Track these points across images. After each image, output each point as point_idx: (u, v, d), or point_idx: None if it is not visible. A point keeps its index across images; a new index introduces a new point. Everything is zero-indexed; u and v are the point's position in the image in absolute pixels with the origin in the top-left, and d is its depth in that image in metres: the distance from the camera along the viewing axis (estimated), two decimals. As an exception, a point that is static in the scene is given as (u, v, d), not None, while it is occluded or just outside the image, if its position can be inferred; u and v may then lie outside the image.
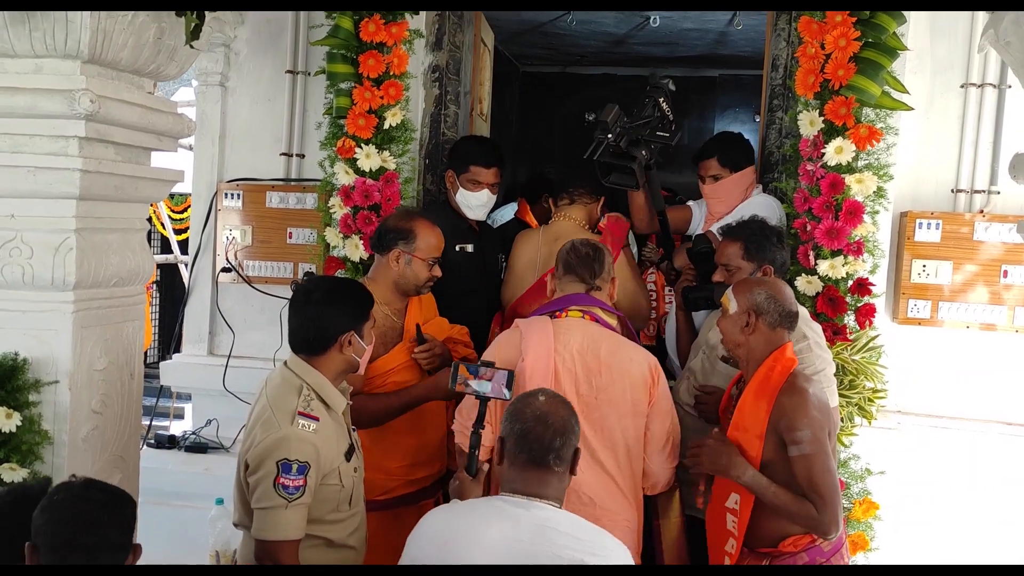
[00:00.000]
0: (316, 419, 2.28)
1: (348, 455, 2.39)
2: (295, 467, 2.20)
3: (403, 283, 2.89)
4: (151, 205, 3.83)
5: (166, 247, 8.88)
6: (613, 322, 2.70)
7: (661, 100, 3.19)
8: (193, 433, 4.02)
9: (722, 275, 2.87)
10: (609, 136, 3.05)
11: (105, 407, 2.80)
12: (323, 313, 2.38)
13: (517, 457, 2.01)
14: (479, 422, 2.33)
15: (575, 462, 2.05)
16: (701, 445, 2.43)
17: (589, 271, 2.68)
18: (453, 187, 3.40)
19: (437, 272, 2.90)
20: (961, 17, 3.39)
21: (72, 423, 2.65)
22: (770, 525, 2.36)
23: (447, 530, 2.00)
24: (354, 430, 2.52)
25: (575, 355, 2.55)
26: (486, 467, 2.36)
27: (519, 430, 2.01)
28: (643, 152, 3.13)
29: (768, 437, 2.33)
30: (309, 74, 3.89)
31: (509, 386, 2.32)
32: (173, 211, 9.06)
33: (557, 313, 2.66)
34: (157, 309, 9.31)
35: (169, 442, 4.01)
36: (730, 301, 2.49)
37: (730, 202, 3.34)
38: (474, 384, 2.34)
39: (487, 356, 2.63)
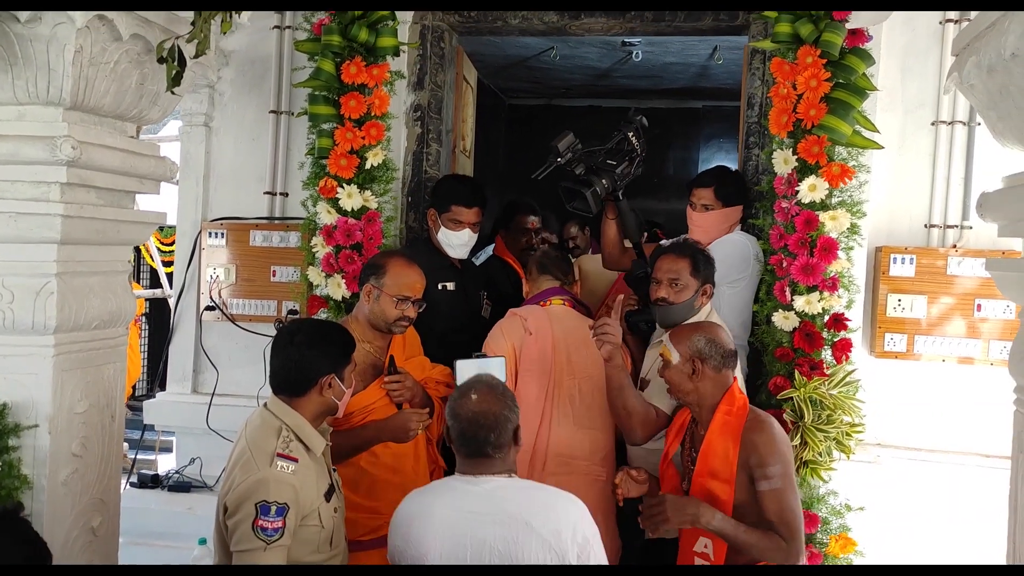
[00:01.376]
0: (295, 460, 2.29)
1: (328, 495, 2.40)
2: (274, 509, 2.22)
3: (374, 319, 2.89)
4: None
5: (155, 279, 8.88)
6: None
7: (630, 134, 3.29)
8: (176, 472, 4.02)
9: (667, 291, 2.88)
10: (559, 160, 3.28)
11: (85, 450, 2.80)
12: (304, 355, 2.41)
13: (459, 450, 2.23)
14: None
15: (516, 436, 2.24)
16: (660, 503, 2.39)
17: (562, 269, 3.23)
18: (435, 225, 3.43)
19: (409, 312, 2.88)
20: (930, 57, 3.47)
21: (52, 467, 2.65)
22: (737, 559, 2.39)
23: (406, 514, 2.22)
24: (334, 470, 2.54)
25: (566, 332, 3.05)
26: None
27: (457, 430, 2.21)
28: (603, 181, 3.20)
29: (738, 477, 2.36)
30: (292, 114, 3.94)
31: (502, 373, 2.67)
32: (162, 243, 9.06)
33: (542, 303, 3.15)
34: (146, 342, 9.29)
35: (152, 481, 4.00)
36: (671, 352, 2.52)
37: (712, 234, 3.37)
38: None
39: (489, 343, 3.04)
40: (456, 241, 3.40)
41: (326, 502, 2.38)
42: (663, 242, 3.47)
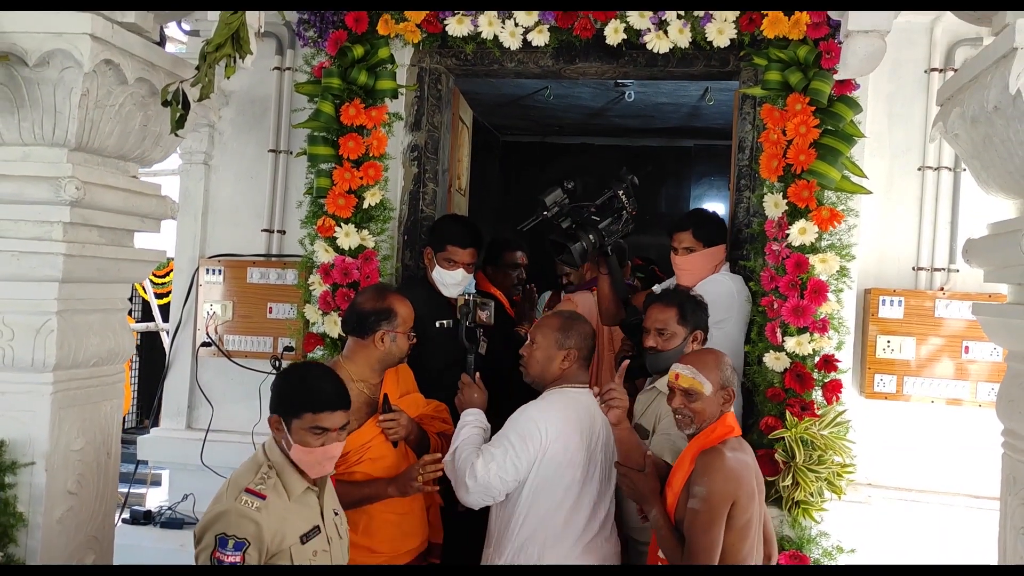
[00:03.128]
0: (262, 497, 2.26)
1: (307, 538, 2.35)
2: (231, 543, 2.19)
3: (389, 359, 2.93)
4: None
5: (147, 312, 8.87)
6: None
7: (620, 192, 3.34)
8: (169, 508, 4.01)
9: (655, 340, 2.91)
10: (546, 213, 3.36)
11: (81, 487, 2.82)
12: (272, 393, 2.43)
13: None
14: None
15: None
16: (633, 474, 2.59)
17: None
18: (431, 264, 3.47)
19: (413, 339, 2.98)
20: (916, 104, 3.56)
21: (47, 504, 2.67)
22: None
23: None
24: (337, 513, 2.51)
25: None
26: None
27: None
28: (590, 236, 3.27)
29: (683, 493, 2.43)
30: (291, 153, 4.00)
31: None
32: (155, 275, 9.07)
33: None
34: (136, 376, 9.26)
35: (145, 518, 3.99)
36: (702, 383, 2.49)
37: (698, 276, 3.40)
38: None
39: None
40: (450, 280, 3.43)
41: (301, 544, 2.33)
42: (656, 287, 3.52)
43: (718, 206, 7.73)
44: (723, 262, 3.45)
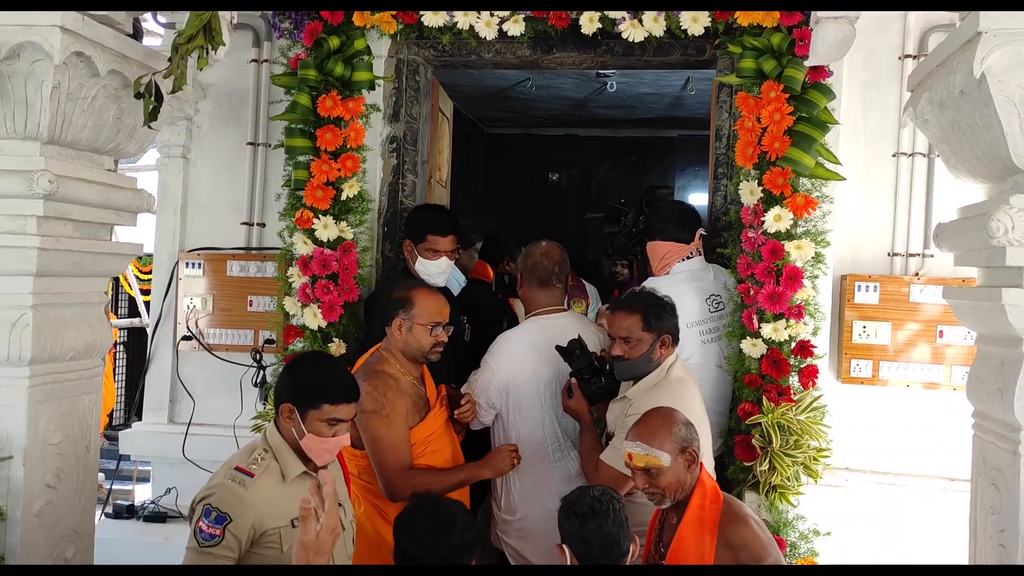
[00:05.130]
0: (250, 475, 2.32)
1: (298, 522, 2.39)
2: (214, 515, 2.25)
3: (408, 351, 2.93)
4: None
5: (134, 308, 8.84)
6: None
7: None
8: (152, 502, 4.01)
9: (621, 348, 2.81)
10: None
11: (60, 481, 2.81)
12: (279, 378, 2.52)
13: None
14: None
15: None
16: None
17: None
18: (412, 256, 3.46)
19: (442, 337, 2.94)
20: (891, 91, 3.58)
21: (25, 498, 2.66)
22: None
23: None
24: (341, 505, 2.48)
25: None
26: None
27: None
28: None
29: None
30: (269, 146, 3.99)
31: None
32: (141, 272, 9.04)
33: None
34: (123, 371, 9.23)
35: (128, 512, 4.00)
36: (658, 456, 2.30)
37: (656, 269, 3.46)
38: None
39: None
40: (434, 270, 3.43)
41: (292, 527, 2.34)
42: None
43: (702, 196, 7.76)
44: (674, 252, 3.39)
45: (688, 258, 3.36)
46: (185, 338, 4.01)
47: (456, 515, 2.20)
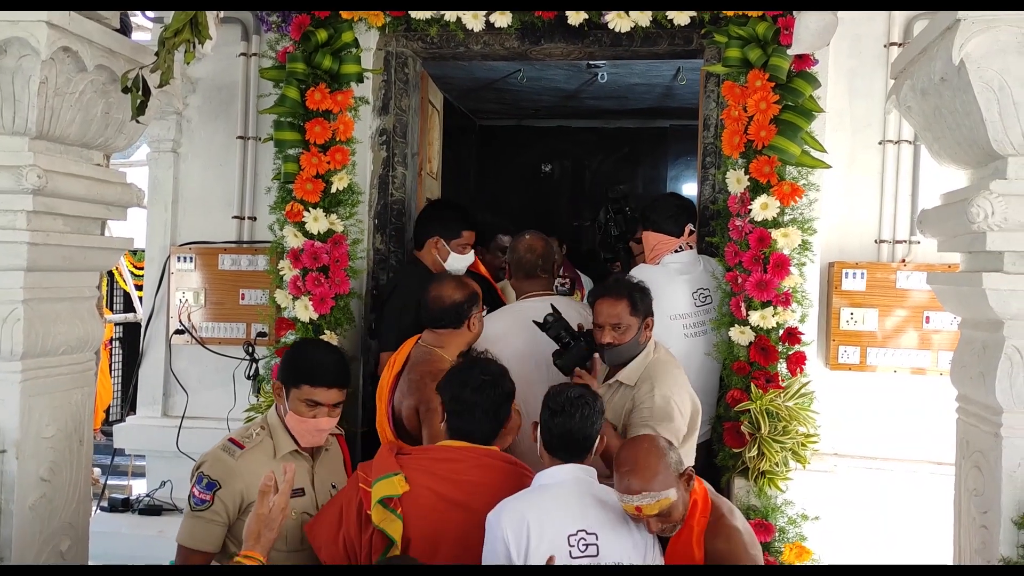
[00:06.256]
0: (241, 447, 2.51)
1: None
2: (205, 481, 2.45)
3: (475, 338, 3.13)
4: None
5: (129, 303, 8.85)
6: None
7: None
8: (147, 495, 4.03)
9: (611, 335, 2.84)
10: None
11: (53, 475, 2.83)
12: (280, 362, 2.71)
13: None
14: None
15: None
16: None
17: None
18: (443, 252, 3.54)
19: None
20: (876, 78, 3.60)
21: (19, 492, 2.68)
22: None
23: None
24: (334, 486, 2.63)
25: None
26: None
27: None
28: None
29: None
30: (259, 139, 4.00)
31: None
32: (135, 267, 9.04)
33: None
34: (120, 367, 9.24)
35: (123, 505, 4.02)
36: (668, 496, 2.20)
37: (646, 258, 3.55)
38: None
39: None
40: (463, 264, 3.59)
41: None
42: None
43: (694, 185, 7.78)
44: (665, 244, 3.46)
45: (679, 251, 3.40)
46: (178, 332, 4.02)
47: (503, 370, 2.60)
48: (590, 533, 2.24)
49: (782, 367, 3.22)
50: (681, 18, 3.36)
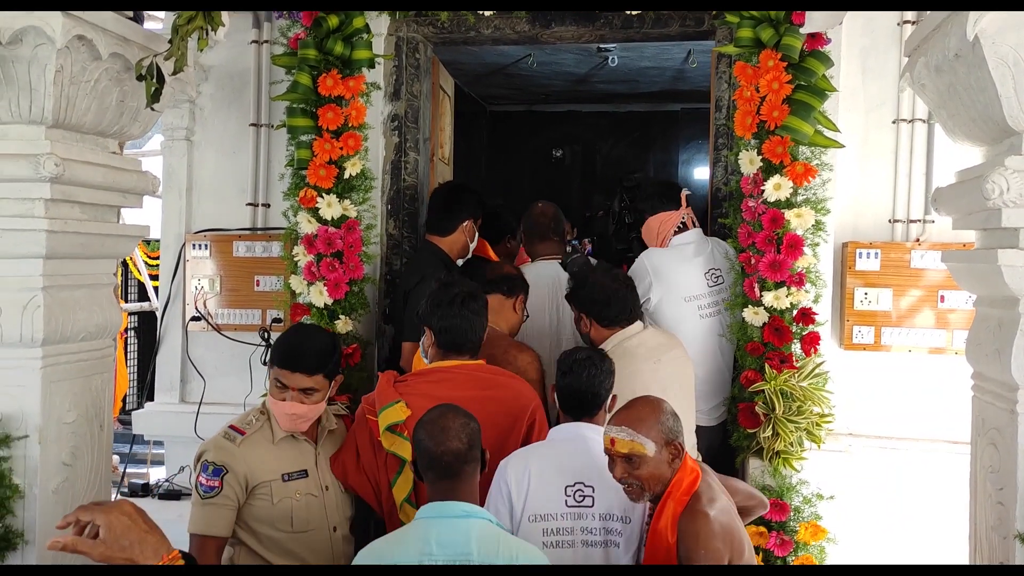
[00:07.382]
0: (241, 432, 2.60)
1: (289, 477, 2.60)
2: (210, 468, 2.53)
3: (513, 328, 3.22)
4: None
5: (143, 293, 8.90)
6: None
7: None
8: (167, 480, 4.08)
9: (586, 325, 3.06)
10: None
11: (75, 459, 2.87)
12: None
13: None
14: None
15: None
16: None
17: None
18: (470, 234, 3.66)
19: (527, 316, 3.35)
20: (890, 57, 3.57)
21: (42, 476, 2.72)
22: None
23: None
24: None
25: None
26: None
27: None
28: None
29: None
30: (272, 126, 4.02)
31: None
32: (149, 257, 9.09)
33: None
34: (136, 356, 9.32)
35: (143, 490, 4.07)
36: (643, 444, 2.21)
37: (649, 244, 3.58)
38: None
39: None
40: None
41: (283, 481, 2.60)
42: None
43: (706, 168, 7.76)
44: (669, 224, 3.48)
45: (682, 226, 3.42)
46: (194, 319, 4.06)
47: (476, 286, 2.84)
48: (587, 486, 2.41)
49: (796, 347, 3.22)
50: (692, -2, 3.35)
